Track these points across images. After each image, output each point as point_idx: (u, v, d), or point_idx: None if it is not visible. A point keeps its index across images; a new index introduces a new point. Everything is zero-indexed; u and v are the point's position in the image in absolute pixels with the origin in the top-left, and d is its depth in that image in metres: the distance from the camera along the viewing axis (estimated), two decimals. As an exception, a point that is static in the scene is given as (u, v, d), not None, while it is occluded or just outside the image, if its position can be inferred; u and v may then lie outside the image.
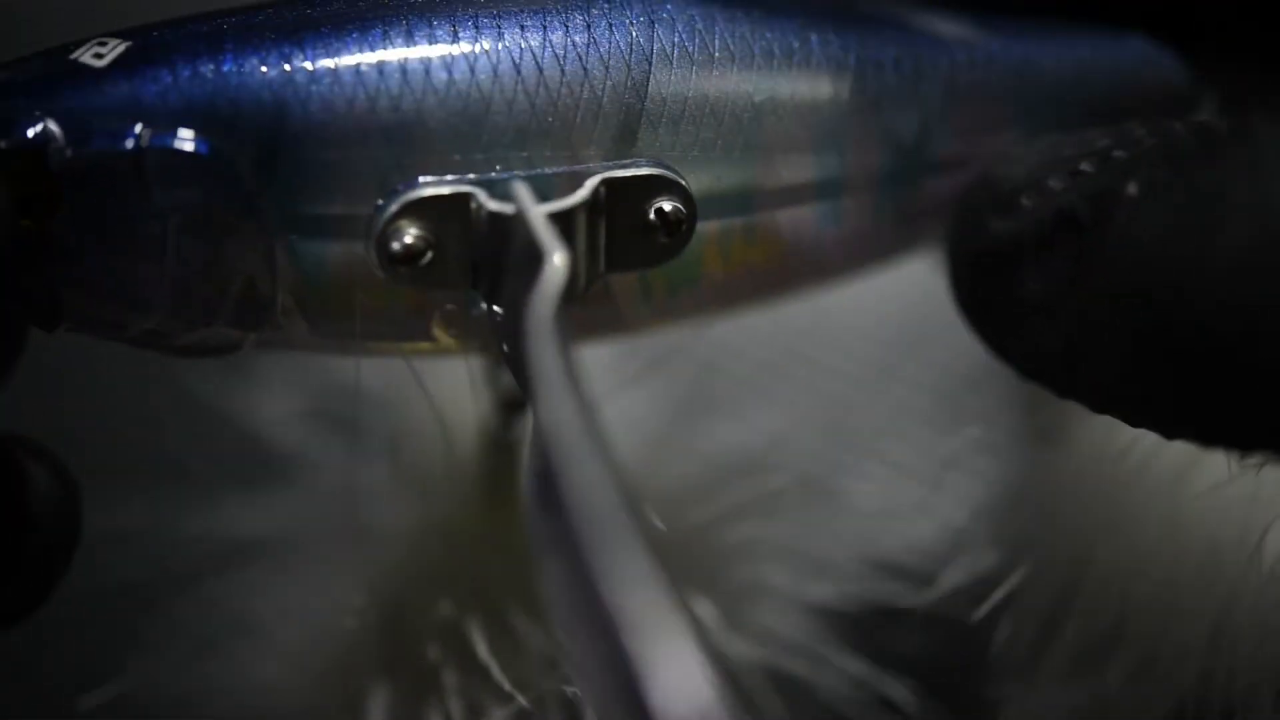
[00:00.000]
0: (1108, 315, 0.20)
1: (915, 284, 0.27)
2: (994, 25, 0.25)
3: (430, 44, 0.20)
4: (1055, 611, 0.26)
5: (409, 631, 0.26)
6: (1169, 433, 0.21)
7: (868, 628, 0.28)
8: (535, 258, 0.19)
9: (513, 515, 0.27)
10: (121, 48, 0.20)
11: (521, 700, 0.25)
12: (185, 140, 0.20)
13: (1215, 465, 0.23)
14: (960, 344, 0.24)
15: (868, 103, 0.23)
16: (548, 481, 0.17)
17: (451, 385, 0.26)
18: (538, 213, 0.20)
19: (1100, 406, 0.22)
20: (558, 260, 0.18)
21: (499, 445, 0.27)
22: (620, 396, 0.29)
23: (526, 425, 0.27)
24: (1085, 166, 0.21)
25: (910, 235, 0.25)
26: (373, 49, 0.20)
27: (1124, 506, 0.25)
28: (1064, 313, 0.21)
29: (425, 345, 0.22)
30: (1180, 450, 0.22)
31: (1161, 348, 0.20)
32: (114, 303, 0.21)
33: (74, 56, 0.20)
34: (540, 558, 0.17)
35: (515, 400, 0.26)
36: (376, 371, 0.27)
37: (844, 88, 0.23)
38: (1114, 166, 0.21)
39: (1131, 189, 0.20)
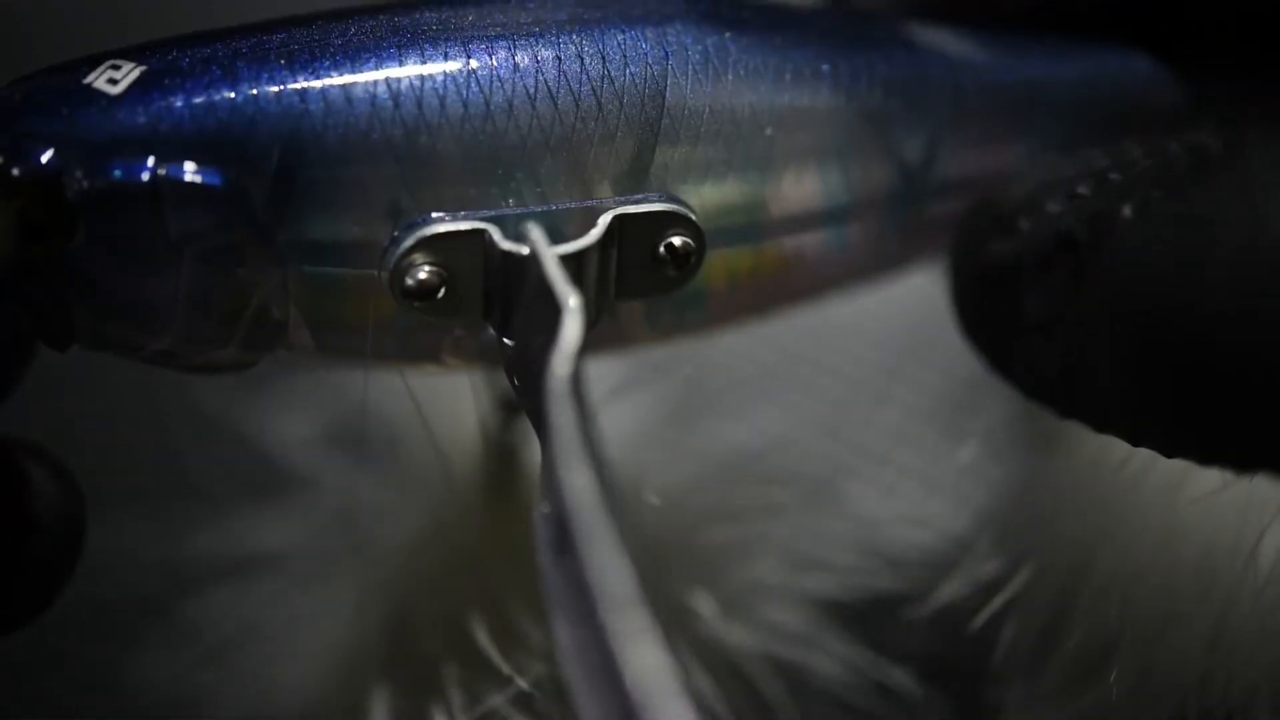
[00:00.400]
0: (1105, 335, 0.21)
1: (917, 290, 0.27)
2: (998, 44, 0.25)
3: (446, 76, 0.20)
4: (1055, 617, 0.26)
5: (411, 630, 0.27)
6: (1169, 451, 0.21)
7: (867, 629, 0.28)
8: (551, 305, 0.19)
9: (510, 514, 0.27)
10: (136, 72, 0.20)
11: (521, 683, 0.25)
12: (200, 173, 0.20)
13: (1210, 473, 0.24)
14: (961, 349, 0.24)
15: (876, 128, 0.23)
16: (562, 531, 0.17)
17: (451, 390, 0.26)
18: (552, 257, 0.20)
19: (1100, 426, 0.22)
20: (574, 315, 0.19)
21: (498, 447, 0.27)
22: (624, 397, 0.29)
23: (527, 432, 0.27)
24: (1082, 189, 0.21)
25: (914, 255, 0.25)
26: (386, 79, 0.20)
27: (1122, 514, 0.26)
28: (1063, 333, 0.21)
29: (434, 368, 0.23)
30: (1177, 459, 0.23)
31: (1158, 367, 0.20)
32: (127, 325, 0.21)
33: (88, 81, 0.20)
34: (550, 597, 0.17)
35: (513, 402, 0.27)
36: (382, 384, 0.27)
37: (853, 114, 0.23)
38: (1110, 189, 0.21)
39: (1126, 210, 0.21)
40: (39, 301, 0.20)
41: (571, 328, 0.18)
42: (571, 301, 0.19)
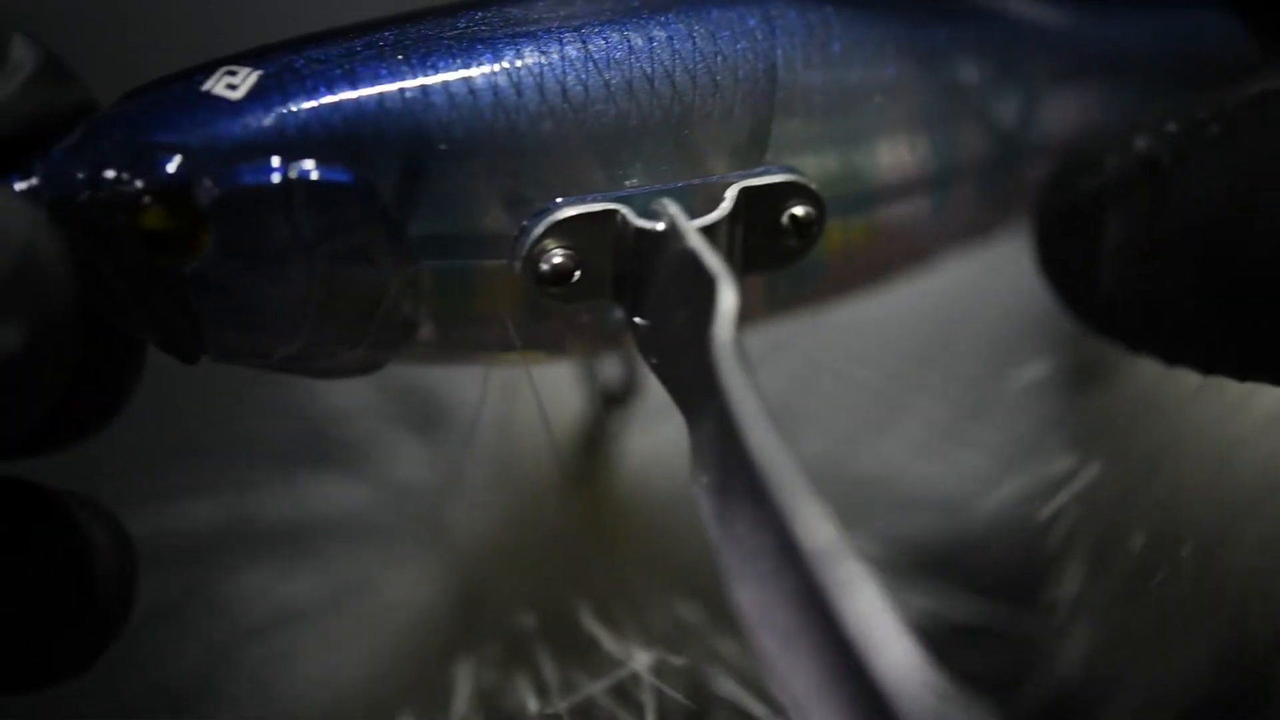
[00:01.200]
0: (1184, 259, 0.21)
1: (938, 286, 0.28)
2: (1080, 6, 0.25)
3: (564, 62, 0.21)
4: (1118, 520, 0.27)
5: (493, 614, 0.27)
6: (1242, 375, 0.22)
7: (935, 555, 0.29)
8: (697, 279, 0.19)
9: (607, 501, 0.28)
10: (254, 77, 0.20)
11: (636, 664, 0.26)
12: (330, 171, 0.20)
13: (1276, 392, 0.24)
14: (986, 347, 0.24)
15: (975, 92, 0.24)
16: (728, 499, 0.18)
17: (552, 380, 0.26)
18: (694, 231, 0.20)
19: (1173, 358, 0.23)
20: (728, 283, 0.19)
21: (595, 435, 0.28)
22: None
23: (624, 422, 0.28)
24: (1170, 126, 0.22)
25: (1009, 220, 0.26)
26: (506, 68, 0.20)
27: (1186, 429, 0.26)
28: (1139, 262, 0.22)
29: (556, 355, 0.23)
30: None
31: (1236, 288, 0.21)
32: (257, 332, 0.21)
33: (206, 88, 0.20)
34: (729, 565, 0.18)
35: (613, 395, 0.27)
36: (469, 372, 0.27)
37: (953, 79, 0.23)
38: (1197, 123, 0.22)
39: (1212, 130, 0.21)
40: (166, 314, 0.20)
41: (728, 295, 0.19)
42: (724, 271, 0.19)
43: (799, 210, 0.22)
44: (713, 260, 0.19)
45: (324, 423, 0.30)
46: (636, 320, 0.21)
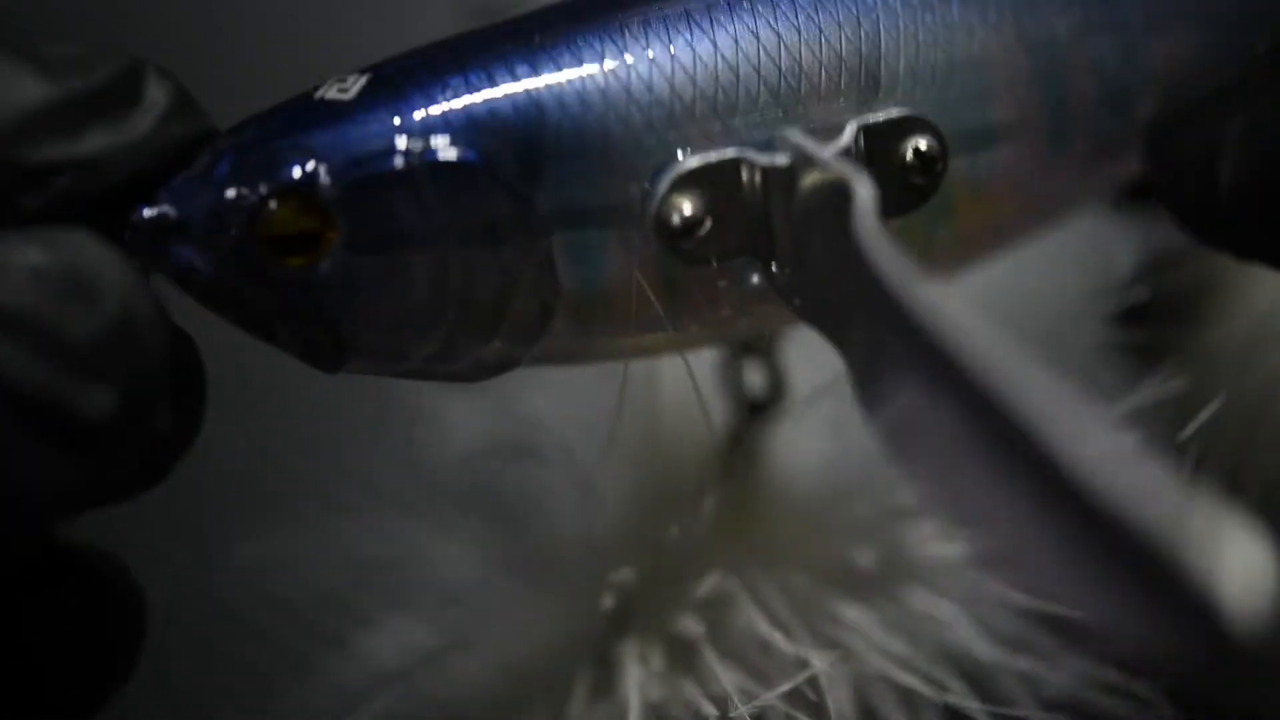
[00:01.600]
0: None
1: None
2: None
3: (667, 27, 0.21)
4: (1240, 454, 0.27)
5: (653, 625, 0.26)
6: None
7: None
8: (832, 191, 0.19)
9: (757, 510, 0.27)
10: (364, 80, 0.21)
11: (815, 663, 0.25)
12: (454, 149, 0.20)
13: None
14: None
15: (1077, 27, 0.23)
16: (906, 390, 0.17)
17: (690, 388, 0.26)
18: (820, 148, 0.20)
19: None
20: (862, 182, 0.18)
21: (739, 444, 0.27)
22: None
23: (761, 432, 0.28)
24: None
25: (1123, 170, 0.25)
26: (613, 41, 0.21)
27: None
28: (1259, 158, 0.22)
29: (696, 333, 0.22)
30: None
31: None
32: (396, 329, 0.21)
33: (318, 95, 0.20)
34: (918, 470, 0.17)
35: (753, 402, 0.27)
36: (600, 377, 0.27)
37: (1056, 16, 0.23)
38: None
39: None
40: (303, 324, 0.20)
41: (863, 190, 0.18)
42: (854, 170, 0.19)
43: (921, 143, 0.21)
44: (842, 165, 0.19)
45: (446, 465, 0.30)
46: (774, 269, 0.21)
